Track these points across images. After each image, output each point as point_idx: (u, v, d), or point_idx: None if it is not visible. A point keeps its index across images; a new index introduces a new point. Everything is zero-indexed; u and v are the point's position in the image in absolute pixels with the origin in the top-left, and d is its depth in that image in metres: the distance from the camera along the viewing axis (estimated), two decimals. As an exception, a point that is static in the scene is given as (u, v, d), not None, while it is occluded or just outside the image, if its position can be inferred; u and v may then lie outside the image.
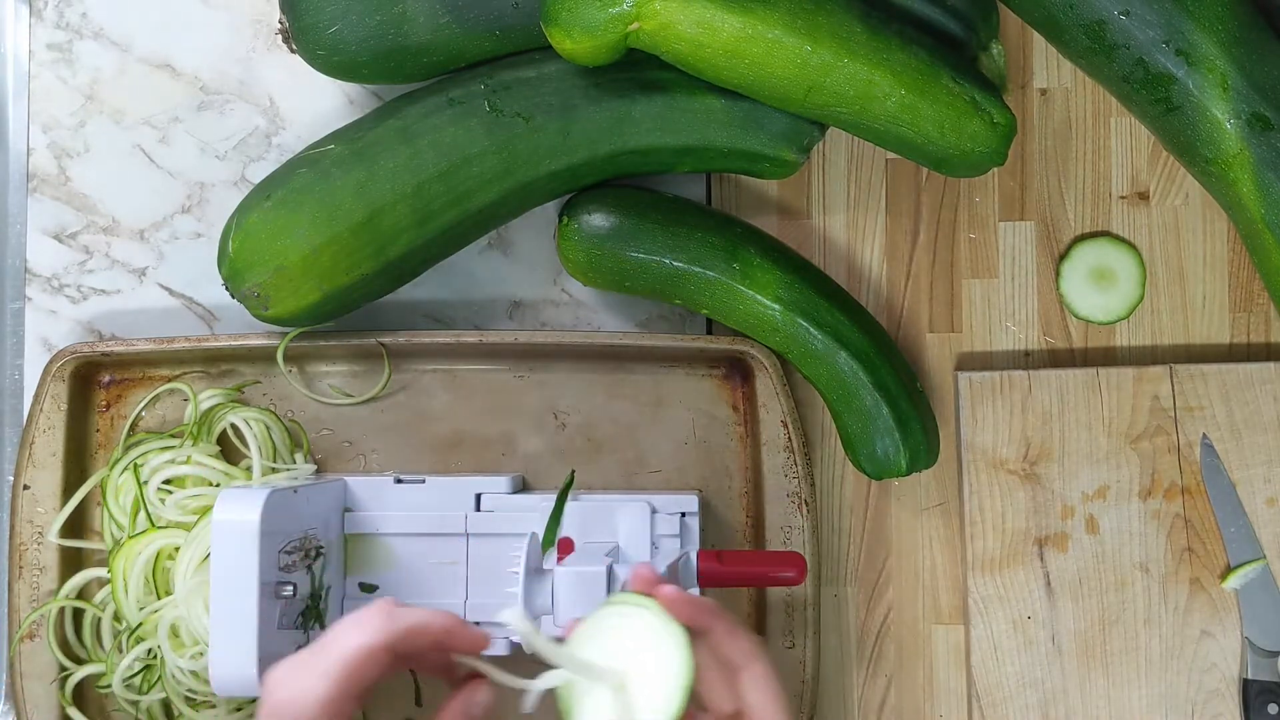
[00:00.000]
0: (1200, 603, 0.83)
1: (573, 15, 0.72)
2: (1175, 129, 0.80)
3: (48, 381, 0.83)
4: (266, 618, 0.71)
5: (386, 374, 0.86)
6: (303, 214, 0.77)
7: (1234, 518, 0.83)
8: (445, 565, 0.80)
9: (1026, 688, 0.83)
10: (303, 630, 0.75)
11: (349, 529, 0.80)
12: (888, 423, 0.81)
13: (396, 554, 0.80)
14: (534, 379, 0.87)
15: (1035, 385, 0.85)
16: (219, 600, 0.71)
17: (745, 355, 0.83)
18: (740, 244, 0.81)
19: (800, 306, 0.81)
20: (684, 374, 0.86)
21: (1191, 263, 0.87)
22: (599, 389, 0.86)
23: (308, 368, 0.87)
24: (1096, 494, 0.84)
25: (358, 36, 0.78)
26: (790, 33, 0.73)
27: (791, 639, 0.82)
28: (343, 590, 0.79)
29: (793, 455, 0.83)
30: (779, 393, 0.83)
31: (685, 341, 0.84)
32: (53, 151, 0.88)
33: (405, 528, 0.80)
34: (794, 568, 0.75)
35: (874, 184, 0.88)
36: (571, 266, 0.82)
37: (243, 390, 0.86)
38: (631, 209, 0.81)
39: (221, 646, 0.70)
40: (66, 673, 0.82)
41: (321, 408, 0.86)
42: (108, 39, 0.89)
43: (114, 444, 0.85)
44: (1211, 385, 0.84)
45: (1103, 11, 0.78)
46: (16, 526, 0.82)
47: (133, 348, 0.83)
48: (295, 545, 0.74)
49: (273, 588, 0.72)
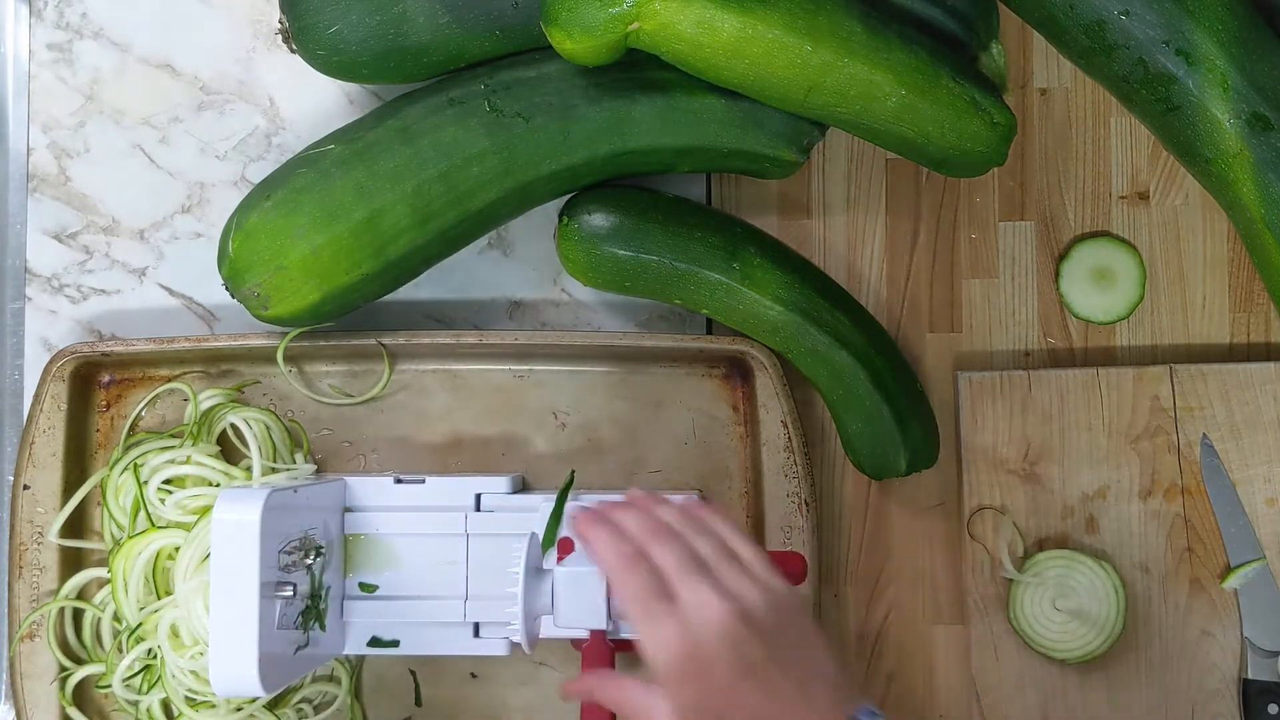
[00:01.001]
0: (1200, 603, 0.83)
1: (573, 15, 0.72)
2: (1175, 129, 0.80)
3: (48, 381, 0.83)
4: (266, 618, 0.71)
5: (387, 374, 0.86)
6: (303, 214, 0.76)
7: (1234, 518, 0.83)
8: (445, 565, 0.79)
9: (1026, 687, 0.83)
10: (302, 630, 0.75)
11: (349, 529, 0.80)
12: (888, 422, 0.81)
13: (396, 554, 0.80)
14: (534, 379, 0.87)
15: (1035, 385, 0.85)
16: (219, 600, 0.70)
17: (745, 355, 0.83)
18: (740, 244, 0.81)
19: (800, 306, 0.81)
20: (684, 374, 0.86)
21: (1191, 263, 0.87)
22: (599, 389, 0.87)
23: (307, 368, 0.87)
24: (1097, 494, 0.84)
25: (358, 36, 0.78)
26: (790, 33, 0.73)
27: None
28: (342, 590, 0.79)
29: (793, 455, 0.83)
30: (779, 393, 0.83)
31: (685, 342, 0.84)
32: (53, 151, 0.88)
33: (405, 528, 0.80)
34: (795, 568, 0.75)
35: (874, 184, 0.88)
36: (571, 266, 0.82)
37: (242, 390, 0.86)
38: (631, 208, 0.81)
39: (222, 646, 0.70)
40: (66, 673, 0.82)
41: (321, 407, 0.86)
42: (108, 39, 0.89)
43: (114, 444, 0.85)
44: (1211, 385, 0.84)
45: (1102, 11, 0.78)
46: (16, 526, 0.82)
47: (132, 348, 0.83)
48: (295, 545, 0.74)
49: (273, 588, 0.72)
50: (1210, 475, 0.84)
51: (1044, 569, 0.82)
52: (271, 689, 0.71)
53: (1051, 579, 0.82)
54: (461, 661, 0.85)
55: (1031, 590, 0.82)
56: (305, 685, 0.83)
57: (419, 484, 0.81)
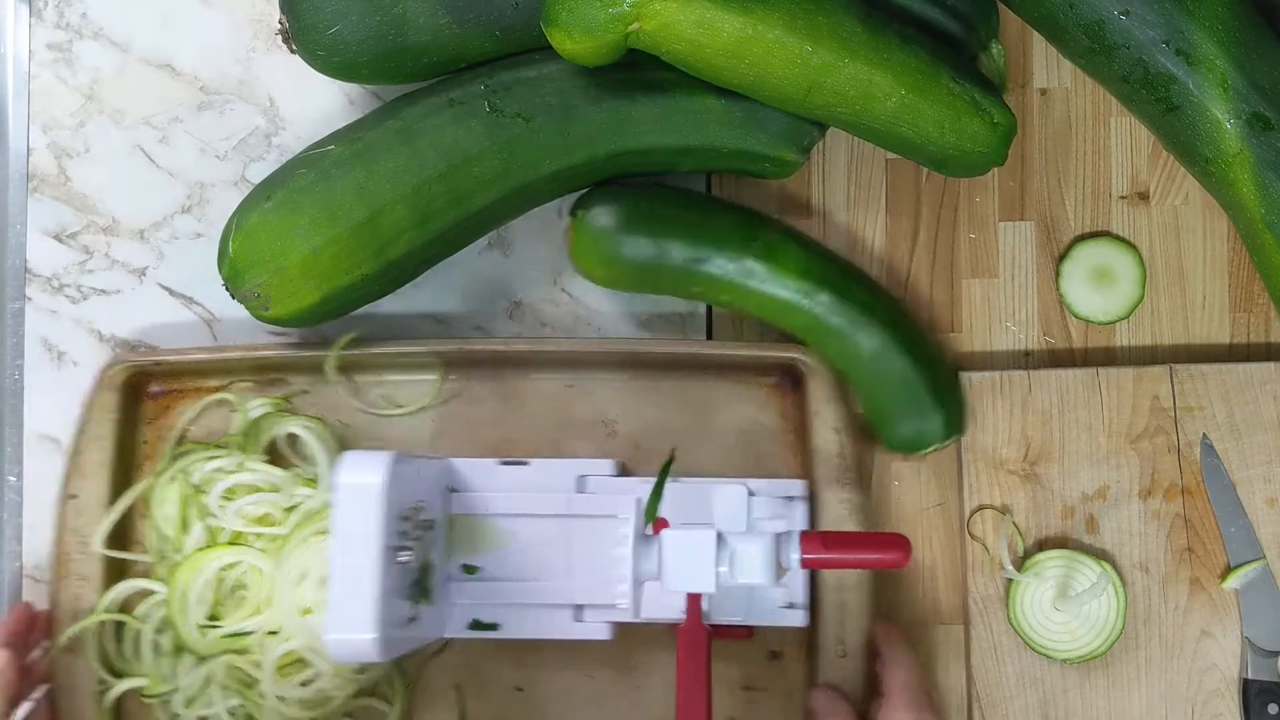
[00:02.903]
0: (1200, 603, 0.83)
1: (573, 15, 0.72)
2: (1175, 129, 0.80)
3: (99, 390, 0.82)
4: (386, 581, 0.70)
5: (439, 383, 0.85)
6: (303, 214, 0.76)
7: (1234, 518, 0.83)
8: (548, 547, 0.79)
9: (1026, 687, 0.83)
10: (412, 602, 0.74)
11: (453, 509, 0.80)
12: (921, 390, 0.80)
13: (500, 535, 0.79)
14: (583, 388, 0.86)
15: (1035, 385, 0.85)
16: (339, 564, 0.69)
17: (797, 362, 0.83)
18: (757, 224, 0.82)
19: (824, 280, 0.80)
20: (734, 382, 0.86)
21: (1191, 263, 0.87)
22: (648, 397, 0.86)
23: (356, 377, 0.86)
24: (1096, 494, 0.84)
25: (358, 37, 0.78)
26: (790, 33, 0.73)
27: (844, 647, 0.81)
28: (446, 571, 0.79)
29: (845, 462, 0.82)
30: (831, 399, 0.82)
31: (737, 349, 0.84)
32: (53, 151, 0.88)
33: (508, 508, 0.80)
34: (898, 550, 0.73)
35: (874, 184, 0.88)
36: (586, 263, 0.81)
37: (290, 400, 0.86)
38: (643, 198, 0.81)
39: (340, 608, 0.69)
40: (106, 685, 0.80)
41: (370, 417, 0.85)
42: (108, 39, 0.89)
43: (160, 455, 0.84)
44: (1211, 385, 0.84)
45: (1102, 11, 0.78)
46: (61, 536, 0.81)
47: (185, 356, 0.83)
48: (409, 514, 0.73)
49: (393, 552, 0.71)
50: (1210, 475, 0.84)
51: (1044, 569, 0.82)
52: (387, 655, 0.70)
53: (1051, 579, 0.82)
54: (507, 673, 0.84)
55: (1031, 590, 0.82)
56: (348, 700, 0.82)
57: (523, 466, 0.81)
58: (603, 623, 0.79)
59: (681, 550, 0.72)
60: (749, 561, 0.72)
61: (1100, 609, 0.82)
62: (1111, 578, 0.82)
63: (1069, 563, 0.82)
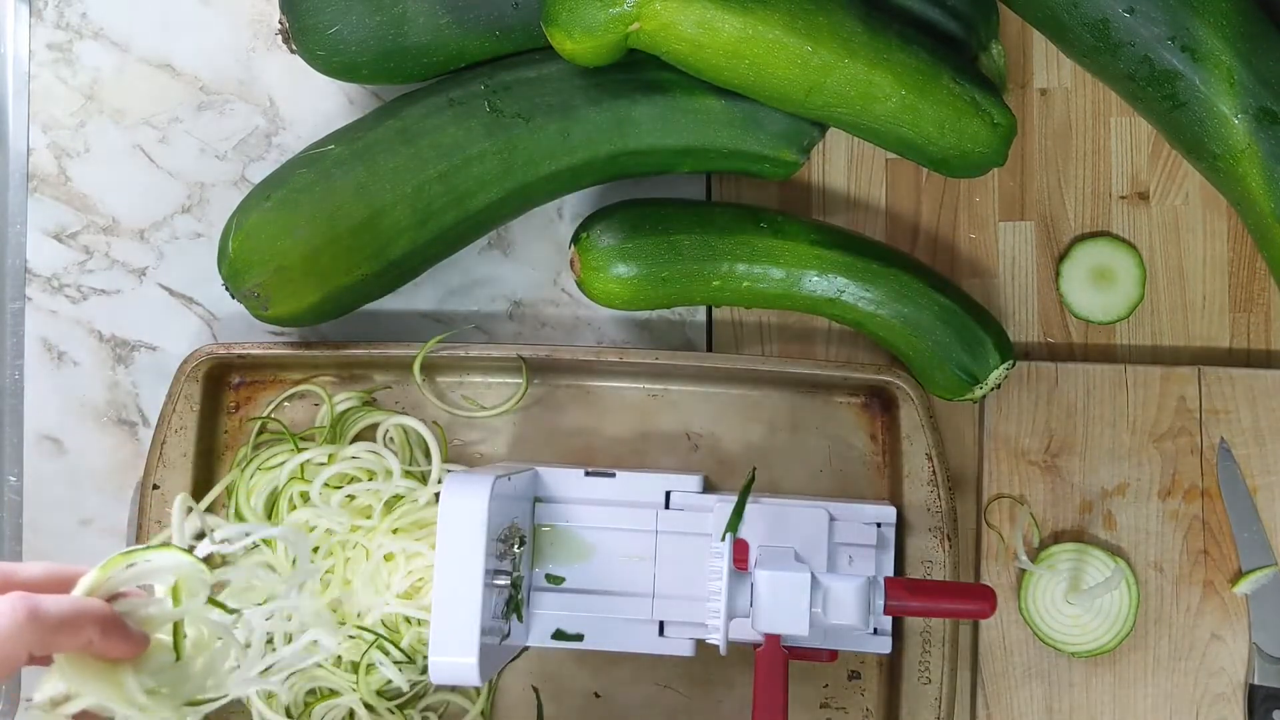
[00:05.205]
0: (1212, 606, 0.83)
1: (573, 15, 0.72)
2: (1182, 125, 0.79)
3: (181, 381, 0.82)
4: (486, 607, 0.70)
5: (524, 387, 0.85)
6: (303, 214, 0.76)
7: (1248, 523, 0.83)
8: (634, 561, 0.78)
9: (1032, 679, 0.83)
10: (504, 619, 0.74)
11: (538, 519, 0.79)
12: (965, 319, 0.80)
13: (585, 547, 0.79)
14: (668, 399, 0.86)
15: (1062, 378, 0.84)
16: (443, 588, 0.69)
17: (890, 385, 0.82)
18: (758, 210, 0.82)
19: (838, 243, 0.80)
20: (822, 401, 0.85)
21: (1191, 263, 0.87)
22: (733, 411, 0.85)
23: (438, 377, 0.86)
24: (1116, 490, 0.84)
25: (358, 37, 0.78)
26: (790, 33, 0.73)
27: (927, 675, 0.80)
28: (530, 581, 0.78)
29: (937, 490, 0.81)
30: (924, 425, 0.81)
31: (827, 369, 0.82)
32: (53, 151, 0.88)
33: (594, 520, 0.79)
34: (984, 601, 0.72)
35: (874, 184, 0.88)
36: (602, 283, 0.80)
37: (374, 395, 0.86)
38: (640, 207, 0.81)
39: (443, 635, 0.69)
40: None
41: (451, 416, 0.85)
42: (108, 39, 0.89)
43: (241, 445, 0.84)
44: (1239, 389, 0.84)
45: (1107, 9, 0.78)
46: (144, 526, 0.81)
47: (269, 350, 0.83)
48: (505, 534, 0.73)
49: (492, 575, 0.71)
50: (1225, 479, 0.83)
51: (1058, 561, 0.82)
52: (484, 679, 0.70)
53: (1065, 571, 0.82)
54: (585, 679, 0.84)
55: (1044, 582, 0.82)
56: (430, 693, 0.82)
57: (609, 477, 0.80)
58: (686, 639, 0.78)
59: (777, 591, 0.71)
60: (842, 604, 0.71)
61: (1112, 604, 0.82)
62: (1126, 574, 0.81)
63: (1083, 557, 0.82)
